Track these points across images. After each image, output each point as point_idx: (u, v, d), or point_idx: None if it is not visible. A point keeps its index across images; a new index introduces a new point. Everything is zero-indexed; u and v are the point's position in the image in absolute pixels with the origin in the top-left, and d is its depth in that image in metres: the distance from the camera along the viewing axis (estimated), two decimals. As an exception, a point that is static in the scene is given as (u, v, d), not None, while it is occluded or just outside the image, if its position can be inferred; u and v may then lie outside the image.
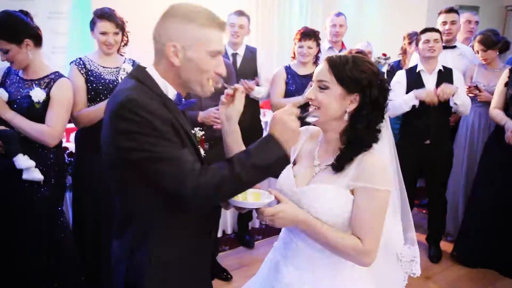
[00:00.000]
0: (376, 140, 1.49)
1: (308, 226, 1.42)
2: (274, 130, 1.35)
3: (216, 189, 1.28)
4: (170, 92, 1.42)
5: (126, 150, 1.28)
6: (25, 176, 2.35)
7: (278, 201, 1.43)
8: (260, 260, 1.82)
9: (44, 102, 2.37)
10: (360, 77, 1.44)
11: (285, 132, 1.34)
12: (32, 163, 2.36)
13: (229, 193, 1.34)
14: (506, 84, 3.26)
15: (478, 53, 3.58)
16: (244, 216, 3.79)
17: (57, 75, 2.43)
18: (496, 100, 3.32)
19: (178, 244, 1.42)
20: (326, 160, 1.53)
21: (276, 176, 1.52)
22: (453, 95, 3.19)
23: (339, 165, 1.47)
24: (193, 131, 1.53)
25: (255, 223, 4.12)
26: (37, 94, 2.35)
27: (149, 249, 1.38)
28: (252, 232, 3.99)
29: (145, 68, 1.43)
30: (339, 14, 4.12)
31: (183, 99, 1.48)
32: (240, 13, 3.52)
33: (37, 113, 2.37)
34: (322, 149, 1.58)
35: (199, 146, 1.54)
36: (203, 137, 1.60)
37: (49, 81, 2.40)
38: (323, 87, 1.47)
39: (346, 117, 1.47)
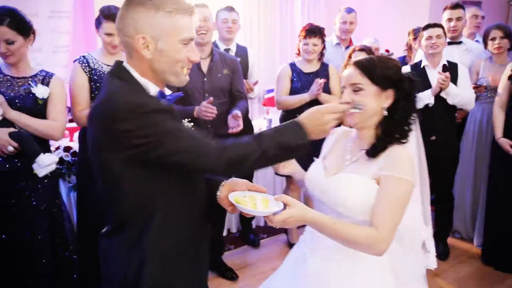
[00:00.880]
0: (408, 131, 1.57)
1: (317, 224, 1.45)
2: (308, 119, 1.39)
3: (243, 161, 1.32)
4: (152, 89, 1.37)
5: (138, 147, 1.25)
6: (43, 173, 2.35)
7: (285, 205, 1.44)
8: (266, 259, 1.83)
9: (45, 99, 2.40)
10: (390, 74, 1.55)
11: (317, 127, 1.39)
12: (55, 157, 2.42)
13: (253, 167, 1.39)
14: (510, 77, 3.24)
15: (494, 40, 3.49)
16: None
17: (48, 72, 2.47)
18: (500, 96, 3.30)
19: (174, 240, 1.40)
20: (357, 154, 1.61)
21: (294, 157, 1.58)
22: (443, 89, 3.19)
23: (374, 152, 1.54)
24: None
25: (260, 221, 4.08)
26: (41, 91, 2.36)
27: (147, 245, 1.35)
28: (257, 230, 3.95)
29: (124, 65, 1.37)
30: (350, 11, 4.05)
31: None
32: (231, 9, 3.55)
33: (38, 110, 2.38)
34: (355, 144, 1.65)
35: None
36: (193, 128, 1.59)
37: (43, 78, 2.42)
38: (357, 89, 1.55)
39: (385, 112, 1.56)
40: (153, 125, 1.25)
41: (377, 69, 1.54)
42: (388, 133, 1.55)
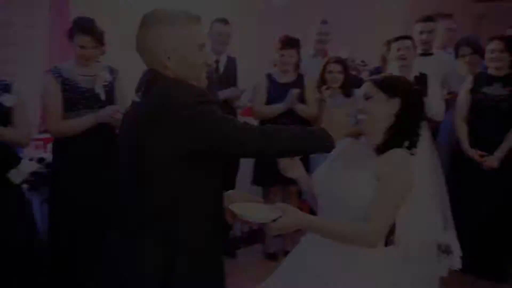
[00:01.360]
0: (417, 141, 1.70)
1: (311, 227, 1.57)
2: (323, 125, 1.60)
3: (279, 134, 1.48)
4: None
5: (200, 133, 1.35)
6: (19, 179, 2.35)
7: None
8: (244, 268, 1.84)
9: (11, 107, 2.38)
10: (398, 84, 1.72)
11: (333, 125, 1.59)
12: (35, 163, 2.51)
13: (284, 144, 1.50)
14: (472, 90, 3.33)
15: (464, 57, 3.61)
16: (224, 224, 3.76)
17: (7, 81, 2.44)
18: (461, 109, 3.38)
19: (199, 235, 1.48)
20: (365, 154, 1.72)
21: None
22: None
23: (383, 147, 1.67)
24: None
25: (236, 231, 4.06)
26: (9, 99, 2.35)
27: (175, 241, 1.43)
28: (234, 240, 3.93)
29: (158, 70, 1.46)
30: (325, 22, 4.12)
31: None
32: (226, 22, 3.55)
33: (5, 119, 2.37)
34: (363, 149, 1.77)
35: None
36: None
37: (4, 87, 2.39)
38: (367, 97, 1.71)
39: (392, 118, 1.68)
40: (212, 113, 1.39)
41: (387, 79, 1.74)
42: (398, 134, 1.68)
